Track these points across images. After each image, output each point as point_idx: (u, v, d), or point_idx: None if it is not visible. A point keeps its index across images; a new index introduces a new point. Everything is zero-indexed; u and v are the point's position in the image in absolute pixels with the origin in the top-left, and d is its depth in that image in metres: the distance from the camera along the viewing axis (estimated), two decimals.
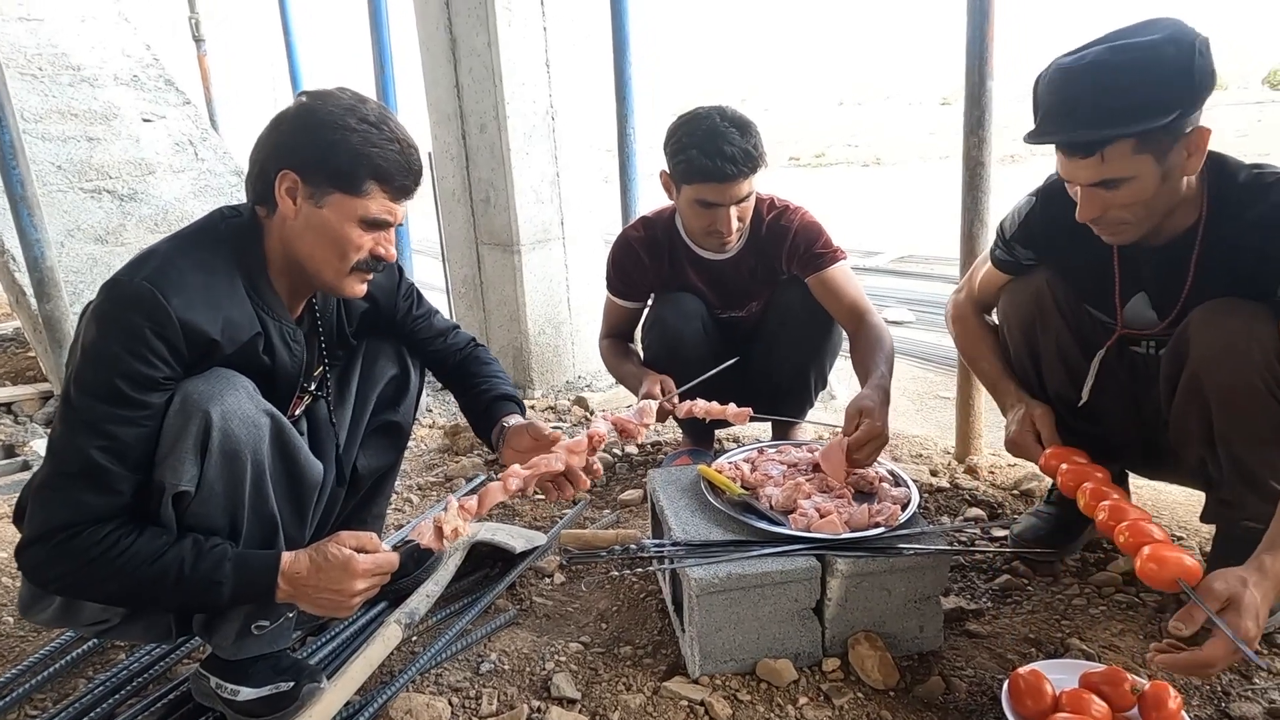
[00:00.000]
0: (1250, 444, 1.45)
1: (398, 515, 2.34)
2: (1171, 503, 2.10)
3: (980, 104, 2.16)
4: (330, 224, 1.31)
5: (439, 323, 1.77)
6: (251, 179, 1.35)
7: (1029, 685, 1.33)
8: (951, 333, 1.93)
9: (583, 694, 1.48)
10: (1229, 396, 1.43)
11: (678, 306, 2.26)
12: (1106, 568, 1.80)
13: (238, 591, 1.25)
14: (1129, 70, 1.32)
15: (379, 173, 1.31)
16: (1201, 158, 1.40)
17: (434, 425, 3.13)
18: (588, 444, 1.48)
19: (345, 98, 1.32)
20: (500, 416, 1.68)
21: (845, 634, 1.53)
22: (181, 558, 1.22)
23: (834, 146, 29.49)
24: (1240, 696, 1.39)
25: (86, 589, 1.25)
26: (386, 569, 1.31)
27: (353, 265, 1.36)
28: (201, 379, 1.25)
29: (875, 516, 1.58)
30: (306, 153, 1.29)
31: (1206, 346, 1.43)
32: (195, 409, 1.22)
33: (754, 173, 2.01)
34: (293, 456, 1.38)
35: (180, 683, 1.53)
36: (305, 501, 1.44)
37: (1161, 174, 1.37)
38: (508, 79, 3.24)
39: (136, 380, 1.19)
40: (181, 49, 5.66)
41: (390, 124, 1.33)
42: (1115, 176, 1.37)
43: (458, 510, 1.35)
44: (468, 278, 3.76)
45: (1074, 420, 1.78)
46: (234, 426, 1.25)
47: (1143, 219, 1.44)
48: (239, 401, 1.27)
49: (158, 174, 4.43)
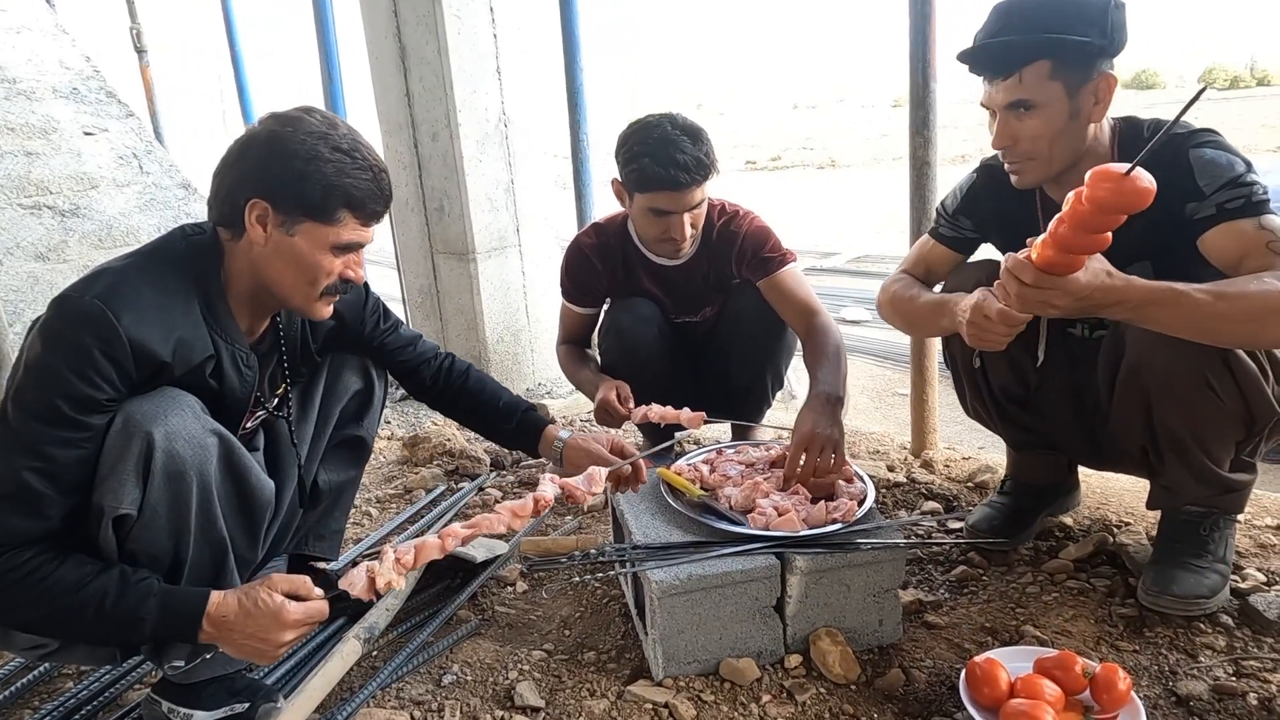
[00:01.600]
0: (1188, 432, 1.50)
1: (356, 529, 2.30)
2: (1120, 490, 2.15)
3: (924, 105, 2.20)
4: (301, 251, 1.30)
5: (406, 333, 1.76)
6: (217, 201, 1.32)
7: (985, 674, 1.35)
8: (884, 301, 1.86)
9: (546, 701, 1.47)
10: (1167, 387, 1.48)
11: (633, 311, 2.27)
12: (1059, 555, 1.84)
13: (160, 629, 1.20)
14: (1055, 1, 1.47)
15: (352, 201, 1.31)
16: (1106, 107, 1.52)
17: (392, 437, 3.10)
18: (532, 507, 1.42)
19: (316, 123, 1.30)
20: (543, 427, 1.74)
21: (806, 630, 1.55)
22: (105, 590, 1.17)
23: (790, 150, 29.84)
24: (1187, 675, 1.43)
25: (4, 615, 1.21)
26: (317, 618, 1.26)
27: (323, 290, 1.36)
28: (146, 399, 1.22)
29: (832, 513, 1.59)
30: (278, 183, 1.27)
31: (1143, 339, 1.48)
32: (137, 429, 1.19)
33: (706, 180, 2.02)
34: (243, 476, 1.35)
35: (131, 709, 1.49)
36: (257, 521, 1.41)
37: (1070, 110, 1.49)
38: (459, 87, 3.23)
39: (78, 401, 1.16)
40: (123, 61, 5.53)
41: (362, 150, 1.32)
42: (1029, 98, 1.49)
43: (393, 563, 1.29)
44: (424, 287, 3.73)
45: (1023, 416, 1.83)
46: (178, 447, 1.22)
47: (1046, 157, 1.54)
48: (184, 421, 1.24)
49: (101, 188, 4.32)
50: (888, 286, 1.88)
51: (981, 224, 1.80)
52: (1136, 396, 1.52)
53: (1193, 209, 1.46)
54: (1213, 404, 1.45)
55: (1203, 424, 1.49)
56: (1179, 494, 1.60)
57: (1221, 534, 1.63)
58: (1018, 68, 1.48)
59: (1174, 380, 1.46)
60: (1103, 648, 1.54)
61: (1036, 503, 1.94)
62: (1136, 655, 1.50)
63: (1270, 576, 1.70)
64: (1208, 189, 1.44)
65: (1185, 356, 1.43)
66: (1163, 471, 1.58)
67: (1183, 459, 1.53)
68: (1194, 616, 1.57)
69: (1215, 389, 1.44)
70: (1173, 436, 1.51)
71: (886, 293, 1.87)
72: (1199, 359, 1.43)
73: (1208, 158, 1.45)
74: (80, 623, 1.18)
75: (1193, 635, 1.54)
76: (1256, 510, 2.01)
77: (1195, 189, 1.45)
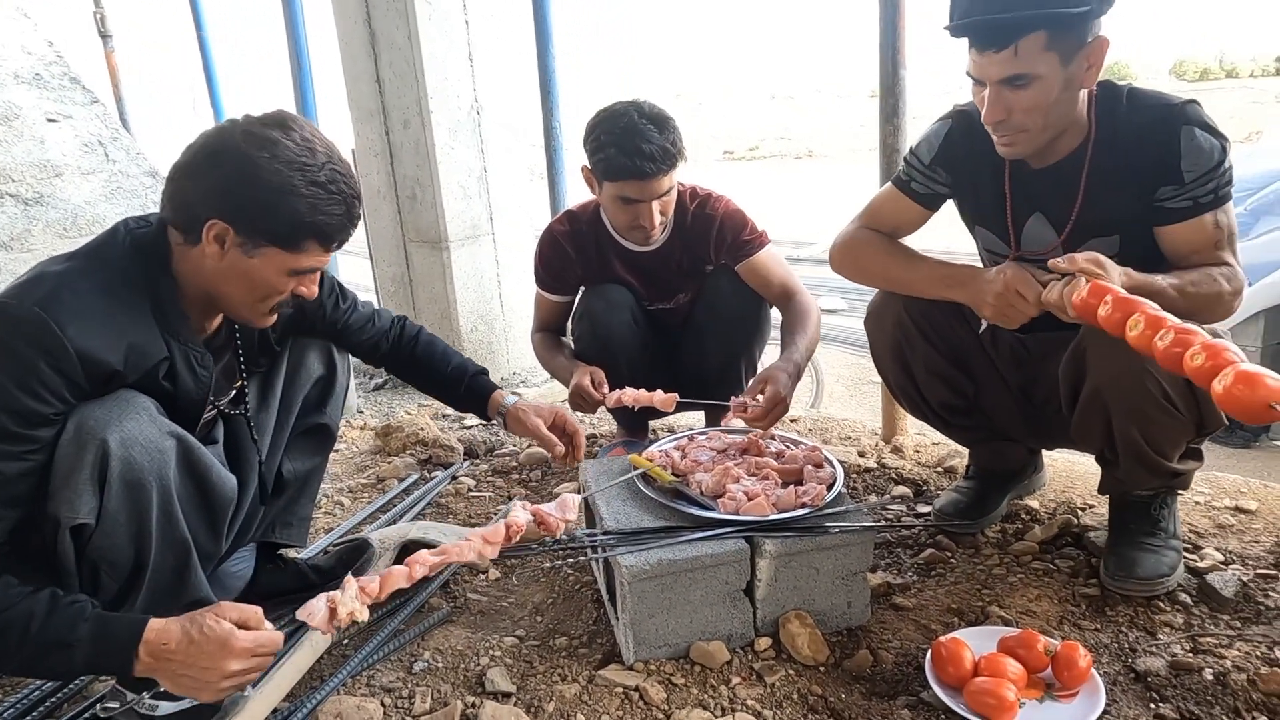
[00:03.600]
0: (1145, 440, 1.53)
1: (328, 519, 2.29)
2: (1085, 473, 2.19)
3: (894, 93, 2.22)
4: (257, 273, 1.27)
5: (364, 310, 1.76)
6: (174, 205, 1.26)
7: (950, 653, 1.38)
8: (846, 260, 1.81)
9: (518, 687, 1.48)
10: (1129, 408, 1.49)
11: (606, 298, 2.27)
12: (1024, 538, 1.87)
13: (91, 659, 1.13)
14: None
15: (320, 235, 1.28)
16: (1098, 71, 1.48)
17: (365, 427, 3.08)
18: (505, 533, 1.43)
19: (293, 150, 1.23)
20: (490, 393, 1.80)
21: (776, 613, 1.56)
22: (31, 612, 1.09)
23: (767, 140, 29.88)
24: (1146, 652, 1.47)
25: None
26: (269, 649, 1.18)
27: (271, 306, 1.34)
28: (98, 404, 1.18)
29: (801, 497, 1.61)
30: (244, 210, 1.22)
31: (1106, 362, 1.49)
32: (91, 438, 1.15)
33: (673, 169, 2.03)
34: (203, 475, 1.34)
35: (95, 701, 1.48)
36: (219, 518, 1.40)
37: (1064, 80, 1.44)
38: (430, 74, 3.20)
39: (22, 415, 1.11)
40: (87, 46, 5.42)
41: (339, 181, 1.27)
42: (1025, 72, 1.42)
43: (356, 593, 1.24)
44: (396, 276, 3.70)
45: (967, 420, 1.86)
46: (135, 454, 1.19)
47: (1040, 128, 1.50)
48: (139, 426, 1.20)
49: (65, 176, 4.23)
50: (851, 239, 1.79)
51: (957, 178, 1.73)
52: (1098, 413, 1.54)
53: (1166, 193, 1.48)
54: (1170, 417, 1.48)
55: (1158, 433, 1.52)
56: (1130, 483, 1.64)
57: (1171, 511, 1.68)
58: (1013, 40, 1.40)
59: (1135, 402, 1.48)
60: (1065, 627, 1.57)
61: (1002, 486, 1.97)
62: (1098, 633, 1.53)
63: (1227, 556, 1.74)
64: (1188, 175, 1.45)
65: (1148, 379, 1.44)
66: (1117, 466, 1.61)
67: (1138, 459, 1.56)
68: (1155, 596, 1.60)
69: (1175, 405, 1.47)
70: (1131, 444, 1.54)
71: (853, 246, 1.78)
72: (1160, 380, 1.44)
73: (1196, 141, 1.45)
74: (4, 648, 1.09)
75: (1152, 613, 1.57)
76: (1216, 492, 2.05)
77: (1176, 172, 1.46)
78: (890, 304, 1.79)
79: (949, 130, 1.72)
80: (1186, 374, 1.15)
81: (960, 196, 1.77)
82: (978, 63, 1.47)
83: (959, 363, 1.78)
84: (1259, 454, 4.93)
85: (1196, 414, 1.49)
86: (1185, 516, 1.89)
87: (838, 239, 1.84)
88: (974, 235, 1.81)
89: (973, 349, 1.79)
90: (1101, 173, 1.55)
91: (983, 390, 1.81)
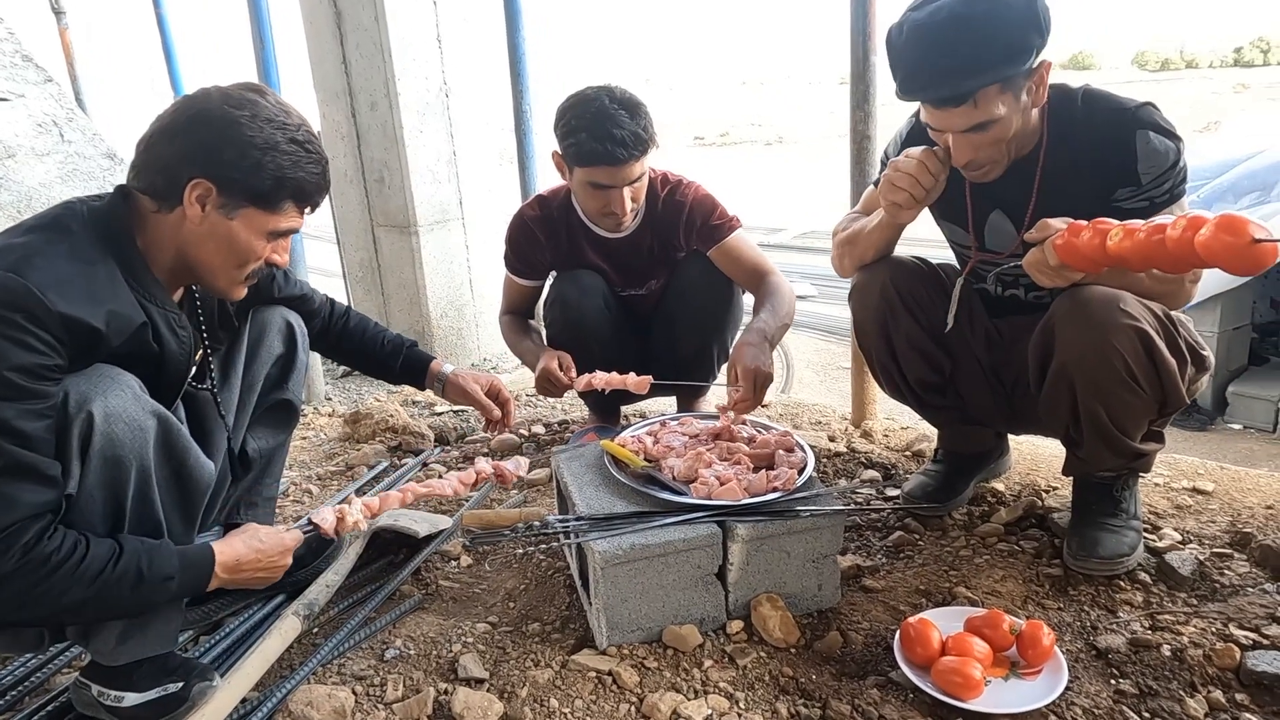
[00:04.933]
0: (1109, 417, 1.56)
1: (296, 507, 2.26)
2: (1049, 456, 2.23)
3: (865, 79, 2.23)
4: (237, 235, 1.29)
5: (302, 286, 1.77)
6: (149, 171, 1.26)
7: (918, 634, 1.40)
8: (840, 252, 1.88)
9: (490, 673, 1.48)
10: (1094, 384, 1.53)
11: (579, 284, 2.26)
12: (990, 520, 1.90)
13: (184, 586, 1.27)
14: (986, 21, 1.43)
15: (299, 194, 1.32)
16: (1045, 89, 1.55)
17: (333, 414, 3.04)
18: (474, 478, 1.71)
19: (271, 109, 1.27)
20: (428, 364, 1.90)
21: (748, 596, 1.57)
22: (138, 556, 1.20)
23: (738, 126, 29.89)
24: (1106, 630, 1.50)
25: (40, 602, 1.15)
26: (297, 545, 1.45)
27: (248, 274, 1.35)
28: (83, 377, 1.18)
29: (773, 481, 1.62)
30: (229, 167, 1.24)
31: (1074, 339, 1.53)
32: (78, 408, 1.15)
33: (645, 155, 2.02)
34: (181, 459, 1.32)
35: (59, 694, 1.45)
36: (194, 504, 1.38)
37: (1021, 109, 1.52)
38: (398, 55, 3.15)
39: (29, 371, 1.11)
40: (40, 23, 5.24)
41: (314, 141, 1.33)
42: (986, 119, 1.49)
43: (361, 507, 1.51)
44: (364, 261, 3.65)
45: (941, 399, 1.88)
46: (118, 431, 1.19)
47: (1004, 155, 1.58)
48: (124, 402, 1.20)
49: (19, 157, 4.11)
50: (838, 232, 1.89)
51: None
52: (1065, 388, 1.58)
53: (1124, 194, 1.55)
54: (1134, 394, 1.52)
55: (1122, 411, 1.56)
56: (1093, 464, 1.67)
57: (1132, 493, 1.73)
58: (969, 96, 1.46)
59: (1100, 378, 1.52)
60: (1030, 606, 1.60)
61: (968, 470, 2.00)
62: (1061, 612, 1.57)
63: (1185, 536, 1.78)
64: (1145, 177, 1.52)
65: (1114, 355, 1.48)
66: (1081, 445, 1.64)
67: (1101, 437, 1.59)
68: (1116, 575, 1.64)
69: (1139, 383, 1.51)
70: (1095, 421, 1.57)
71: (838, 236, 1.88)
72: (1127, 357, 1.48)
73: (1152, 145, 1.50)
74: (120, 594, 1.19)
75: (1113, 592, 1.61)
76: (1174, 474, 2.10)
77: (1133, 174, 1.52)
78: (876, 276, 1.80)
79: (913, 127, 1.80)
80: (1173, 255, 1.21)
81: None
82: (937, 115, 1.54)
83: (939, 339, 1.80)
84: (1215, 436, 5.07)
85: (1160, 392, 1.53)
86: (1145, 498, 1.93)
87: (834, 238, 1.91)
88: (941, 229, 1.87)
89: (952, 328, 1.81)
90: (1056, 171, 1.61)
91: (959, 369, 1.84)
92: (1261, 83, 30.22)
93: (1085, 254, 1.33)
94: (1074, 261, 1.36)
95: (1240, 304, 5.33)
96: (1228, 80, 31.89)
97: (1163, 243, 1.22)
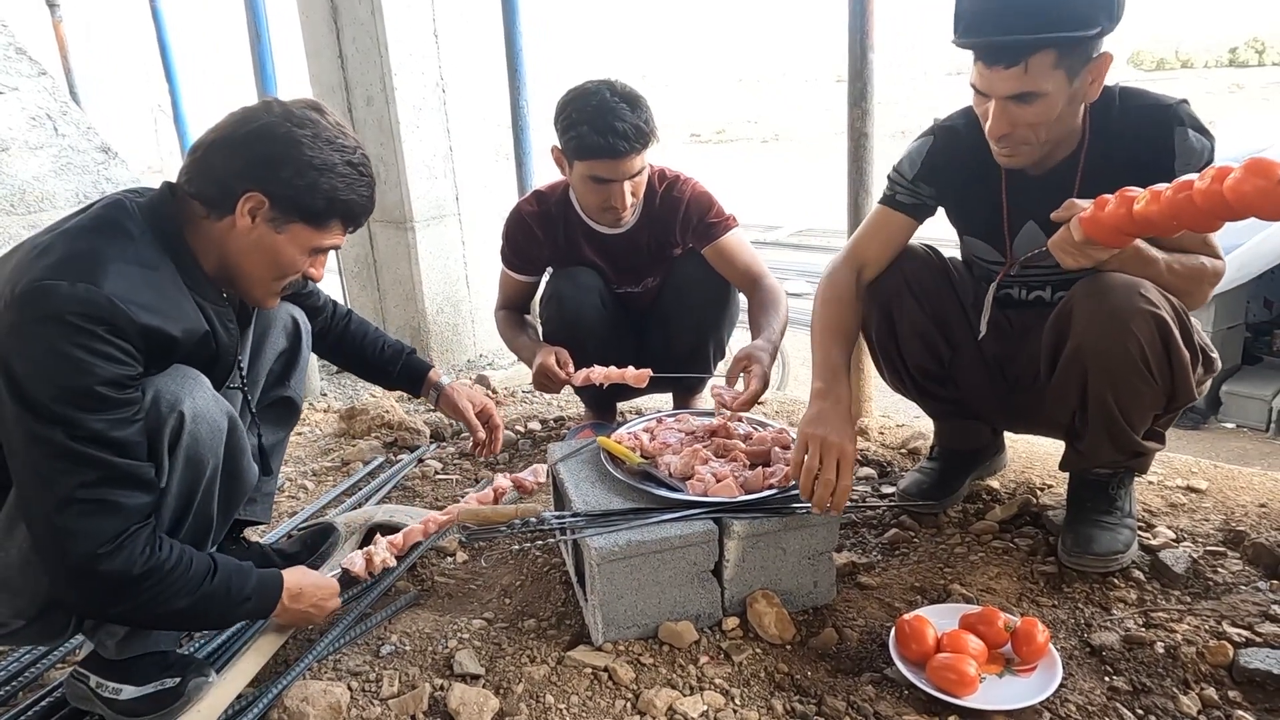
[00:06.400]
0: (1116, 404, 1.56)
1: (292, 503, 2.26)
2: (1044, 454, 2.24)
3: (863, 77, 2.22)
4: (282, 249, 1.31)
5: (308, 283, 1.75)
6: (204, 179, 1.27)
7: (913, 630, 1.40)
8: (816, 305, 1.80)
9: (486, 669, 1.48)
10: (1106, 368, 1.52)
11: (575, 281, 2.26)
12: (985, 517, 1.91)
13: (255, 608, 1.33)
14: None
15: (348, 214, 1.34)
16: (1100, 85, 1.50)
17: (329, 410, 3.03)
18: (492, 495, 1.85)
19: (330, 129, 1.29)
20: (425, 373, 1.90)
21: (743, 593, 1.58)
22: (230, 572, 1.26)
23: (734, 123, 29.87)
24: (1100, 627, 1.51)
25: (147, 608, 1.19)
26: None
27: (284, 285, 1.38)
28: (169, 377, 1.22)
29: (769, 478, 1.62)
30: (285, 185, 1.25)
31: (1091, 324, 1.52)
32: (170, 408, 1.20)
33: (646, 148, 2.01)
34: (237, 459, 1.36)
35: (54, 688, 1.45)
36: (237, 504, 1.43)
37: (1069, 95, 1.47)
38: (394, 49, 3.14)
39: (116, 383, 1.13)
40: (34, 15, 5.22)
41: (366, 164, 1.34)
42: (1033, 89, 1.43)
43: (386, 546, 1.64)
44: (360, 257, 3.65)
45: (941, 390, 1.89)
46: (202, 431, 1.24)
47: (1042, 141, 1.52)
48: (206, 404, 1.25)
49: (11, 151, 4.08)
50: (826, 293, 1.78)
51: (942, 191, 1.75)
52: (1077, 372, 1.57)
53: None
54: (1145, 382, 1.52)
55: (1131, 399, 1.55)
56: (1092, 458, 1.67)
57: (1127, 490, 1.73)
58: (1023, 57, 1.41)
59: (1114, 362, 1.51)
60: (1024, 603, 1.61)
61: (964, 467, 2.01)
62: (1055, 610, 1.58)
63: (1179, 533, 1.79)
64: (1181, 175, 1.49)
65: (1130, 341, 1.48)
66: (1084, 436, 1.64)
67: (1106, 426, 1.59)
68: (1110, 572, 1.65)
69: (1152, 370, 1.50)
70: (1103, 408, 1.57)
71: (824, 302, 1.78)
72: (1143, 342, 1.48)
73: (1189, 143, 1.49)
74: (209, 610, 1.25)
75: (1107, 590, 1.61)
76: (1168, 472, 2.11)
77: (1170, 172, 1.48)
78: (894, 275, 1.79)
79: (931, 146, 1.73)
80: (1201, 210, 1.18)
81: (948, 208, 1.80)
82: (985, 76, 1.47)
83: (941, 327, 1.79)
84: (1209, 435, 5.09)
85: (1170, 384, 1.53)
86: (1139, 496, 1.94)
87: (823, 282, 1.81)
88: (962, 244, 1.84)
89: (955, 317, 1.81)
90: (1096, 177, 1.56)
91: (959, 360, 1.83)
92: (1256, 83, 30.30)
93: (1110, 224, 1.30)
94: (1099, 235, 1.32)
95: (1234, 303, 5.34)
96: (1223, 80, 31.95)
97: (1190, 198, 1.18)
